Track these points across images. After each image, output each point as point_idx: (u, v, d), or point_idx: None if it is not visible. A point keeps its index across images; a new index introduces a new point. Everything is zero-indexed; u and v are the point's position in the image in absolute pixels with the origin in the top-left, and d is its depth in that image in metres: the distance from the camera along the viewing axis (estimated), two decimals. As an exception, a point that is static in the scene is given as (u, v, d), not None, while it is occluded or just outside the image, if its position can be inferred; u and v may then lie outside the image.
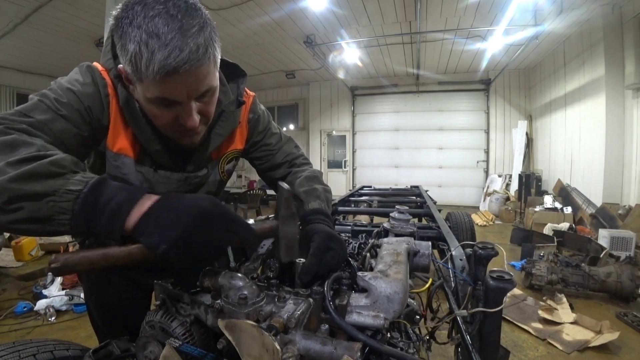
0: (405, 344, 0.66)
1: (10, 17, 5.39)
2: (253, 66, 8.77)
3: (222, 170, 0.96)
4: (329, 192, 0.99)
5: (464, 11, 5.63)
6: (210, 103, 0.74)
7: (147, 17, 0.59)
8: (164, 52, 0.59)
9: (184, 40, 0.60)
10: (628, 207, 4.83)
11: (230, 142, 0.95)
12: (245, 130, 0.99)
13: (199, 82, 0.66)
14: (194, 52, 0.60)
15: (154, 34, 0.58)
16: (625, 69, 5.11)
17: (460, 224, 3.39)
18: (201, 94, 0.69)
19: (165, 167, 0.86)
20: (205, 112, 0.74)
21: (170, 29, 0.59)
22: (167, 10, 0.60)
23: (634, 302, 3.02)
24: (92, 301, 1.19)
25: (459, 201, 9.18)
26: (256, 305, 0.59)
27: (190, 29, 0.61)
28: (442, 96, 9.57)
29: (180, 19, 0.60)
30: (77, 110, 0.72)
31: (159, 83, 0.62)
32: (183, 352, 0.59)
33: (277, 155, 1.05)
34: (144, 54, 0.59)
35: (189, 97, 0.67)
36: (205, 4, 4.94)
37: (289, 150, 1.07)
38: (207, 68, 0.65)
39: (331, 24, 6.27)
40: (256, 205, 7.16)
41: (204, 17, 0.64)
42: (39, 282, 3.25)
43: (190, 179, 0.89)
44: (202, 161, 0.90)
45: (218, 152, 0.93)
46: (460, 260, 1.03)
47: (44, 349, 0.95)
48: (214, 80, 0.70)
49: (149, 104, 0.69)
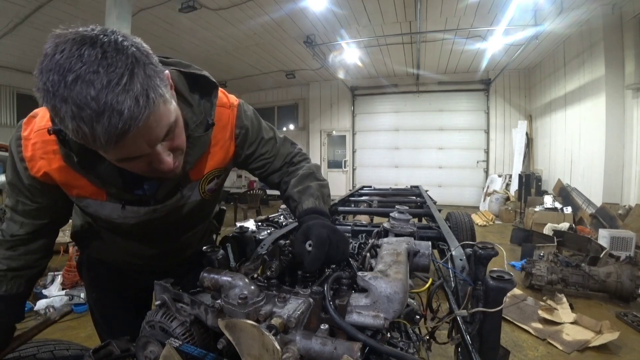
0: (405, 344, 0.66)
1: (10, 17, 5.40)
2: (253, 66, 8.78)
3: (203, 190, 0.90)
4: (325, 187, 0.96)
5: (464, 11, 5.63)
6: (177, 136, 0.67)
7: (67, 86, 0.49)
8: (103, 122, 0.51)
9: (118, 99, 0.50)
10: (628, 207, 4.83)
11: (210, 163, 0.88)
12: (232, 147, 0.91)
13: (153, 130, 0.59)
14: (134, 107, 0.52)
15: (83, 104, 0.50)
16: (625, 69, 5.11)
17: (460, 224, 3.39)
18: (163, 137, 0.62)
19: (133, 202, 0.81)
20: (177, 146, 0.68)
21: (97, 91, 0.49)
22: (87, 67, 0.49)
23: (634, 302, 3.02)
24: (92, 298, 1.20)
25: (459, 201, 9.18)
26: (256, 305, 0.59)
27: (119, 81, 0.51)
28: (442, 96, 9.57)
29: (103, 74, 0.50)
30: (24, 190, 0.79)
31: (114, 149, 0.57)
32: (183, 352, 0.59)
33: (275, 161, 0.99)
34: (85, 130, 0.51)
35: (151, 147, 0.61)
36: (205, 4, 4.92)
37: (286, 152, 1.01)
38: (158, 112, 0.57)
39: (331, 24, 6.27)
40: (256, 205, 7.16)
41: (131, 56, 0.53)
42: (39, 282, 3.24)
43: (158, 210, 0.84)
44: (172, 190, 0.84)
45: (197, 174, 0.86)
46: (460, 260, 1.03)
47: (44, 349, 0.95)
48: (171, 116, 0.62)
49: (118, 162, 0.64)
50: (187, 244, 1.08)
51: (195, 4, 5.23)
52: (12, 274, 0.84)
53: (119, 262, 1.09)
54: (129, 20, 4.50)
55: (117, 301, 1.15)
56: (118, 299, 1.15)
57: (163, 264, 1.08)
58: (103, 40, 0.52)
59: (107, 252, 1.06)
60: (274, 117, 11.51)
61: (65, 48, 0.50)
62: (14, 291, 0.85)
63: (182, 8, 5.31)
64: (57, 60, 0.50)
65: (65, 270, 3.23)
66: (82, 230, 1.05)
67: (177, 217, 0.91)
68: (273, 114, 11.54)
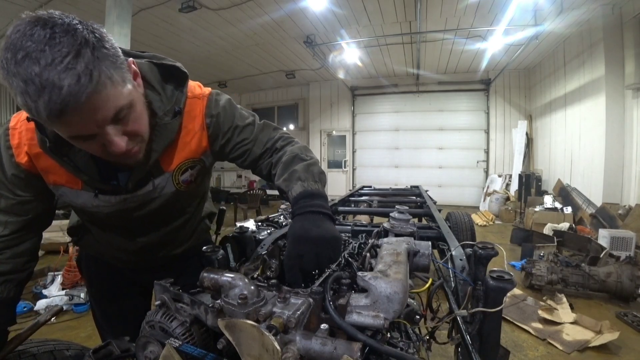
0: (405, 344, 0.66)
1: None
2: (253, 66, 8.78)
3: (177, 181, 0.89)
4: (313, 164, 0.89)
5: (464, 11, 5.63)
6: (132, 121, 0.68)
7: (17, 62, 0.53)
8: (44, 97, 0.53)
9: (60, 76, 0.53)
10: (628, 207, 4.83)
11: (182, 153, 0.87)
12: (204, 136, 0.89)
13: (98, 110, 0.60)
14: (74, 84, 0.54)
15: (28, 79, 0.52)
16: (625, 69, 5.11)
17: (460, 224, 3.39)
18: (112, 118, 0.63)
19: (106, 191, 0.83)
20: (132, 131, 0.68)
21: (41, 67, 0.52)
22: (35, 45, 0.52)
23: (634, 302, 3.02)
24: (92, 294, 1.20)
25: (459, 201, 9.18)
26: (256, 305, 0.59)
27: (62, 59, 0.53)
28: (442, 96, 9.57)
29: (49, 52, 0.53)
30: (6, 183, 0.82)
31: (59, 125, 0.59)
32: (183, 352, 0.59)
33: (255, 148, 0.95)
34: (30, 104, 0.54)
35: (99, 127, 0.62)
36: (205, 4, 4.92)
37: (266, 138, 0.96)
38: (104, 92, 0.58)
39: (331, 24, 6.27)
40: (256, 205, 7.17)
41: (81, 38, 0.55)
42: (39, 282, 3.25)
43: (129, 200, 0.85)
44: (143, 179, 0.84)
45: (169, 165, 0.86)
46: (460, 260, 1.03)
47: (44, 349, 0.95)
48: (121, 99, 0.63)
49: (71, 140, 0.65)
50: (170, 240, 1.06)
51: (195, 4, 5.23)
52: (2, 278, 0.85)
53: (108, 257, 1.09)
54: (129, 20, 4.50)
55: (116, 298, 1.15)
56: (117, 296, 1.15)
57: (149, 260, 1.07)
58: (56, 22, 0.55)
59: (96, 246, 1.07)
60: (274, 117, 11.51)
61: (20, 29, 0.54)
62: (4, 295, 0.85)
63: (182, 8, 5.31)
64: (12, 39, 0.54)
65: (65, 270, 3.23)
66: (77, 226, 1.07)
67: (152, 209, 0.90)
68: (273, 114, 11.54)
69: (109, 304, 1.17)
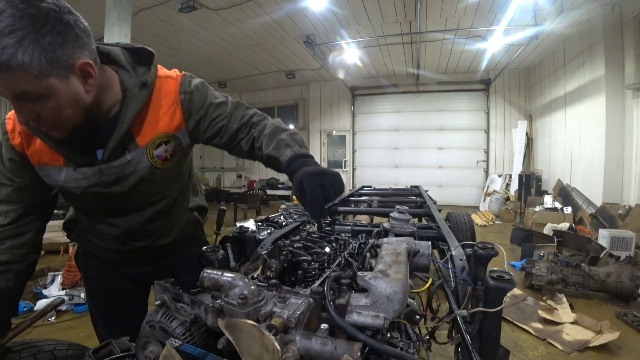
0: (405, 344, 0.66)
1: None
2: (253, 66, 8.78)
3: (152, 156, 0.91)
4: (295, 134, 0.96)
5: (464, 11, 5.63)
6: (46, 108, 0.71)
7: None
8: None
9: None
10: (628, 207, 4.83)
11: (154, 127, 0.90)
12: (178, 112, 0.92)
13: (3, 85, 0.65)
14: None
15: None
16: (625, 69, 5.10)
17: (460, 224, 3.39)
18: (14, 96, 0.68)
19: (84, 164, 0.87)
20: (44, 116, 0.72)
21: None
22: None
23: (634, 302, 3.03)
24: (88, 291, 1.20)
25: (459, 201, 9.18)
26: (256, 305, 0.59)
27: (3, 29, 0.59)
28: (442, 96, 9.57)
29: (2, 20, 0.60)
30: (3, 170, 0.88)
31: None
32: (183, 352, 0.59)
33: (231, 123, 0.97)
34: None
35: (4, 96, 0.68)
36: (205, 4, 4.91)
37: (241, 114, 0.99)
38: (13, 73, 0.63)
39: (331, 24, 6.27)
40: (256, 205, 7.17)
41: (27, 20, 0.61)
42: (39, 282, 3.25)
43: (105, 171, 0.88)
44: (118, 151, 0.87)
45: (144, 139, 0.89)
46: (460, 260, 1.03)
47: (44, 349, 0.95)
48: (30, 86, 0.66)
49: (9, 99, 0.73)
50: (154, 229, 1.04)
51: (195, 4, 5.23)
52: (1, 267, 0.87)
53: (95, 248, 1.09)
54: (129, 20, 4.49)
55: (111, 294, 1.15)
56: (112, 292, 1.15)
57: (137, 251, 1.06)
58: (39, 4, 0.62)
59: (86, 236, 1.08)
60: (274, 117, 11.45)
61: None
62: (3, 285, 0.87)
63: (182, 8, 5.31)
64: None
65: (65, 270, 3.23)
66: (70, 219, 1.10)
67: (130, 184, 0.92)
68: (273, 114, 11.53)
69: (103, 299, 1.16)
